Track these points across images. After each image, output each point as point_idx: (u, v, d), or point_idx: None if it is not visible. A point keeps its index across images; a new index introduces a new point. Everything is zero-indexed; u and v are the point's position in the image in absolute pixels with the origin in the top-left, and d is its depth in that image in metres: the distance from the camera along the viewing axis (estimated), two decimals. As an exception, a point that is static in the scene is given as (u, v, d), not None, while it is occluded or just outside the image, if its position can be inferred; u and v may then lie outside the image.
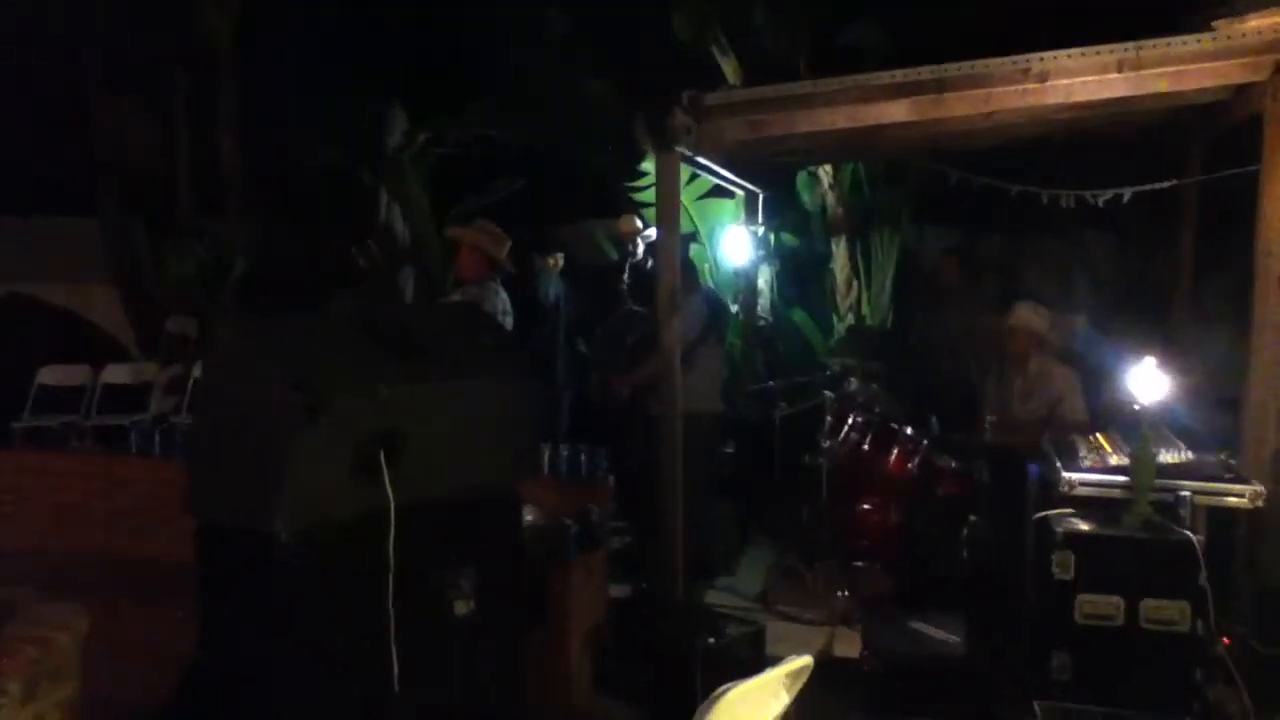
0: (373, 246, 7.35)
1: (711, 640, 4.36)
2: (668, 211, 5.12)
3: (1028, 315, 5.56)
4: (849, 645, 4.73)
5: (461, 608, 3.40)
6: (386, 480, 2.96)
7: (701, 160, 5.83)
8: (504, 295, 5.61)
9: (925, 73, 4.81)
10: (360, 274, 7.58)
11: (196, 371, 7.38)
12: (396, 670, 3.03)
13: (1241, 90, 4.97)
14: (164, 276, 8.83)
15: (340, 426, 2.84)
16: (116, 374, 8.19)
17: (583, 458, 4.86)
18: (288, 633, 2.91)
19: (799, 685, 2.74)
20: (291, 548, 2.82)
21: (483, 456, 3.40)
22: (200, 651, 3.08)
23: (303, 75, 8.59)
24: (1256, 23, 4.47)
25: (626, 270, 7.17)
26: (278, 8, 9.16)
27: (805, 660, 2.71)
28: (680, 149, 4.98)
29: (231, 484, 2.91)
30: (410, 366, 3.13)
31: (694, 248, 7.91)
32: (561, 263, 7.56)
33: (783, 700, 2.73)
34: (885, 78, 4.89)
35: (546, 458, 4.82)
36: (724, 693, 2.48)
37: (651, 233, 6.99)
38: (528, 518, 4.13)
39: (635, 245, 7.19)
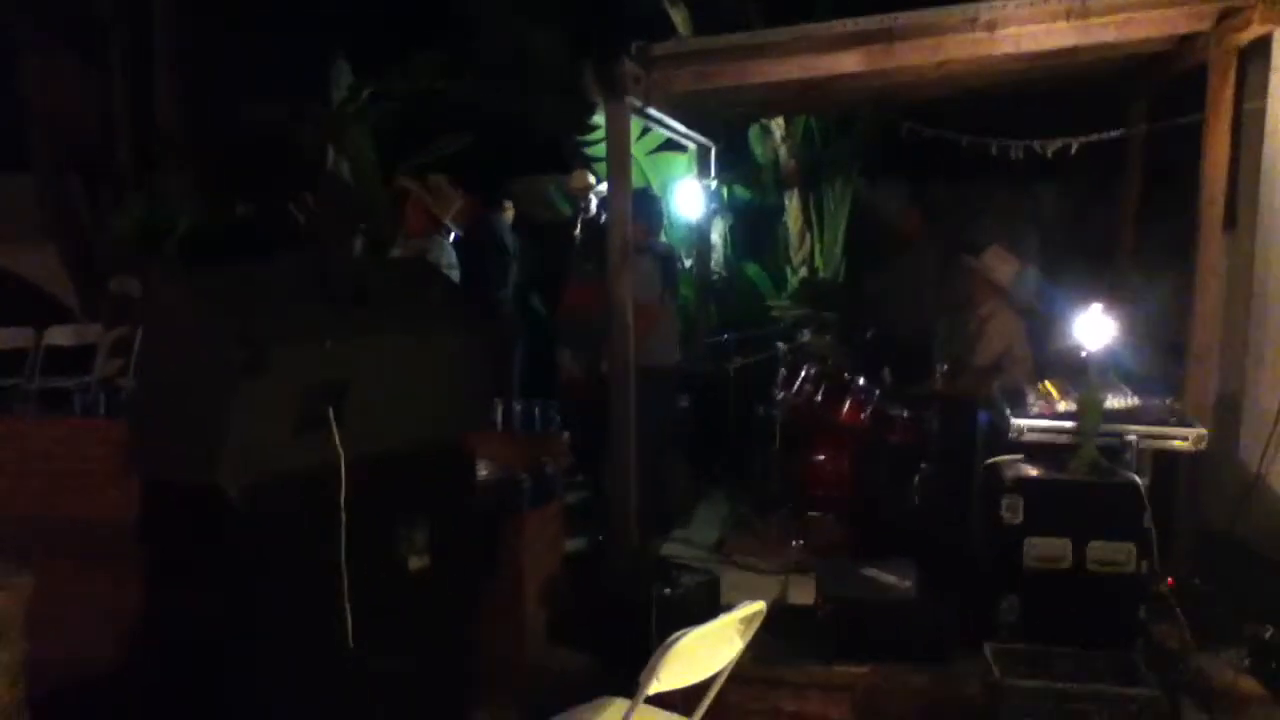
0: (309, 201, 7.23)
1: (666, 590, 4.39)
2: (618, 163, 5.07)
3: (991, 261, 5.59)
4: (803, 593, 4.78)
5: (415, 563, 3.39)
6: (335, 435, 2.93)
7: (652, 112, 5.78)
8: (450, 250, 5.58)
9: (875, 22, 4.79)
10: (301, 230, 7.46)
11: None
12: (350, 625, 3.01)
13: (1186, 40, 5.01)
14: (105, 233, 8.62)
15: (286, 379, 2.79)
16: (59, 336, 8.01)
17: (536, 412, 4.85)
18: (237, 589, 2.88)
19: (752, 630, 2.77)
20: (239, 502, 2.78)
21: (434, 409, 3.37)
22: (148, 610, 3.04)
23: (243, 24, 8.39)
24: (1200, -29, 4.51)
25: (579, 226, 7.11)
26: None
27: (758, 606, 2.74)
28: (630, 99, 4.93)
29: (176, 439, 2.85)
30: (358, 318, 3.09)
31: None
32: (511, 211, 7.47)
33: (736, 645, 2.76)
34: (835, 27, 4.86)
35: (500, 412, 4.80)
36: (677, 639, 2.49)
37: (604, 188, 6.94)
38: (481, 472, 4.12)
39: (588, 201, 7.13)
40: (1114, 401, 4.30)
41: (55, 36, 8.81)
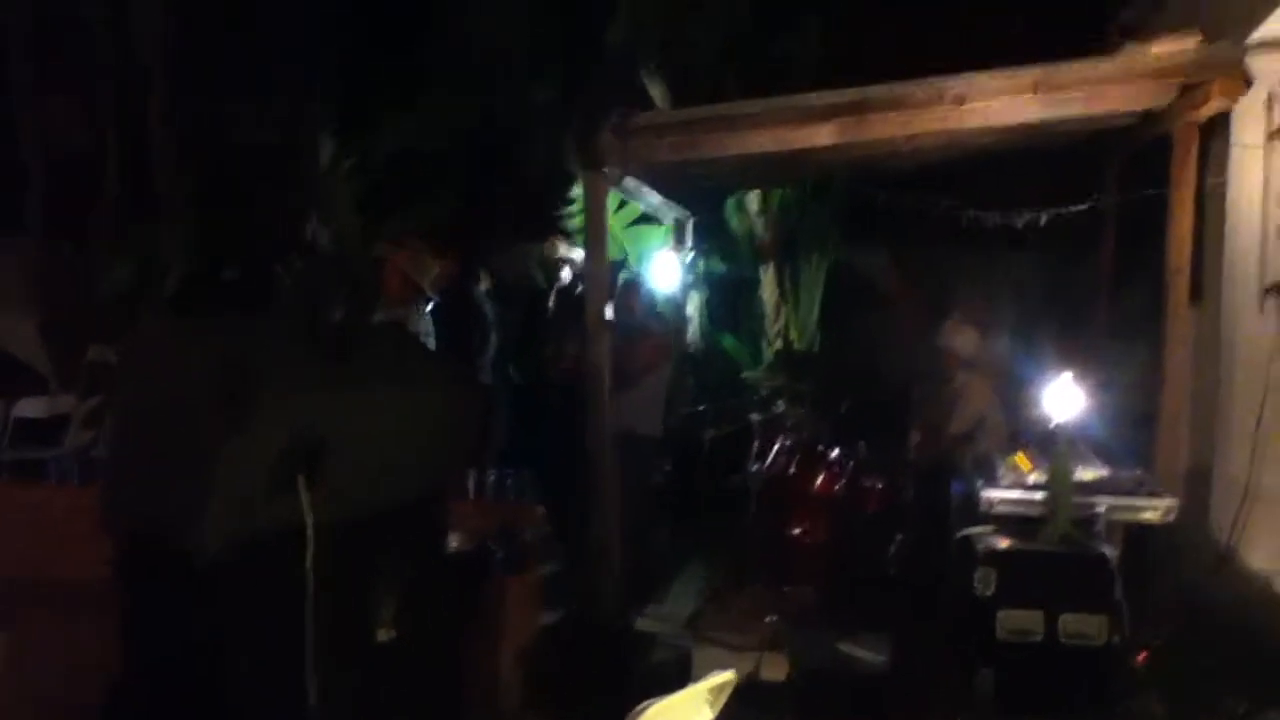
0: (297, 263, 7.27)
1: (639, 665, 4.34)
2: (595, 232, 5.13)
3: (951, 336, 5.64)
4: (777, 668, 4.72)
5: (383, 634, 3.35)
6: (305, 501, 2.89)
7: (629, 184, 5.86)
8: (427, 319, 5.62)
9: (847, 95, 4.89)
10: (286, 293, 7.49)
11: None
12: (315, 692, 2.96)
13: (1150, 113, 5.12)
14: (91, 296, 8.56)
15: (265, 437, 2.76)
16: (31, 407, 7.92)
17: (510, 482, 4.82)
18: (206, 649, 2.83)
19: (722, 700, 2.73)
20: (212, 562, 2.73)
21: (410, 474, 3.34)
22: (122, 670, 2.98)
23: (234, 81, 8.44)
24: (1160, 49, 4.62)
25: (552, 295, 7.14)
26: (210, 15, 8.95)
27: (728, 675, 2.70)
28: (607, 170, 5.00)
29: (151, 495, 2.79)
30: (340, 379, 3.07)
31: (623, 274, 7.92)
32: (486, 281, 7.50)
33: (705, 716, 2.71)
34: (808, 100, 4.97)
35: (474, 481, 4.77)
36: (645, 708, 2.46)
37: (574, 255, 7.01)
38: (453, 543, 4.08)
39: (560, 269, 7.18)
40: (1084, 472, 4.31)
41: (48, 85, 8.82)
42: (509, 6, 8.93)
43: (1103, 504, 4.21)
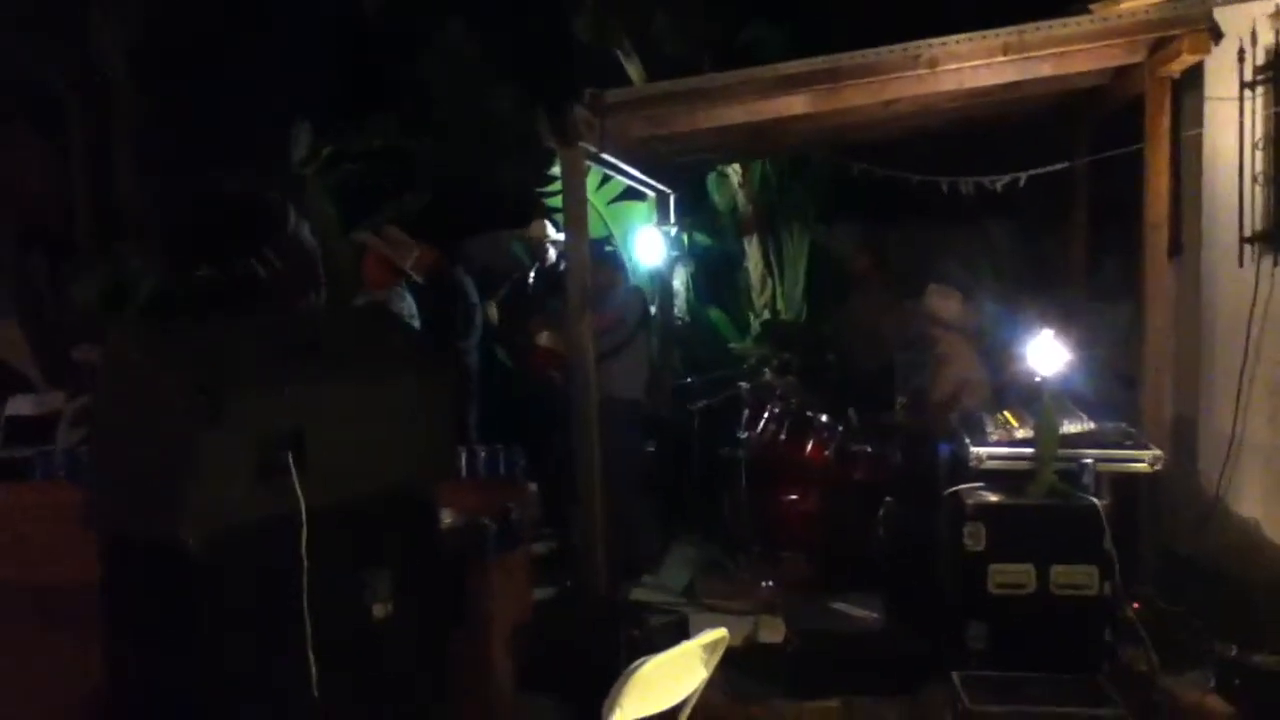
0: (272, 257, 7.25)
1: (635, 632, 4.37)
2: (575, 209, 5.12)
3: (933, 300, 5.67)
4: (774, 631, 4.77)
5: (380, 610, 3.36)
6: (296, 482, 2.91)
7: (610, 159, 5.86)
8: (410, 301, 5.63)
9: (820, 63, 4.89)
10: (264, 288, 7.47)
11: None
12: (315, 676, 2.98)
13: (1122, 72, 5.15)
14: (67, 303, 8.57)
15: (245, 427, 2.78)
16: (21, 406, 7.91)
17: (500, 458, 4.83)
18: (201, 643, 2.84)
19: (716, 658, 2.76)
20: (200, 555, 2.74)
21: (396, 455, 3.35)
22: (113, 670, 2.99)
23: (203, 92, 8.44)
24: (1130, 4, 4.64)
25: (532, 275, 7.14)
26: (177, 29, 8.95)
27: (720, 632, 2.73)
28: (584, 145, 4.99)
29: (134, 493, 2.81)
30: (319, 365, 3.08)
31: (607, 248, 7.92)
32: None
33: (700, 673, 2.74)
34: (781, 69, 4.97)
35: (464, 460, 4.79)
36: (639, 666, 2.50)
37: (559, 236, 7.00)
38: (445, 520, 4.09)
39: (545, 250, 7.18)
40: (1070, 426, 4.35)
41: (11, 111, 8.81)
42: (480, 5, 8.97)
43: (1089, 456, 4.24)
